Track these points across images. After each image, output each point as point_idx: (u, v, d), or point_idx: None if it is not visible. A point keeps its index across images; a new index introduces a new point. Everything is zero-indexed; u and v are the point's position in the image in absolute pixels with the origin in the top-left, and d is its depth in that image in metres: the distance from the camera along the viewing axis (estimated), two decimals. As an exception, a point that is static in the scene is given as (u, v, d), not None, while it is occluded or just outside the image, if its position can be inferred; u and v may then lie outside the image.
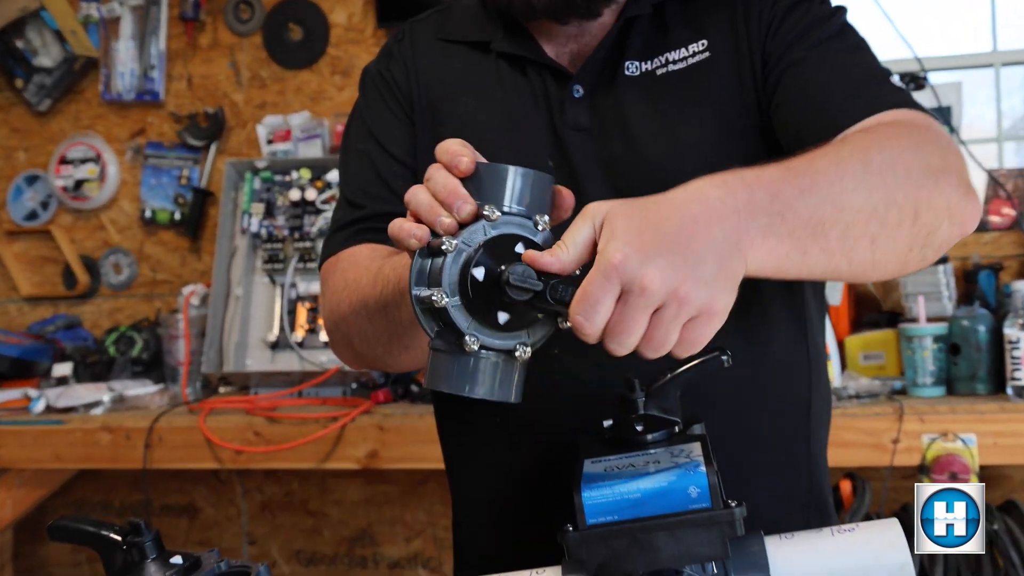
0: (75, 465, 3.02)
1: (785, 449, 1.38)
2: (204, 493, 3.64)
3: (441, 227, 0.98)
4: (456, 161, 1.00)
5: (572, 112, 1.36)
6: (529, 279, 0.94)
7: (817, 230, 1.01)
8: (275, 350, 3.11)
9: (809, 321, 1.41)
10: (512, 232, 0.97)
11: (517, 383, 0.99)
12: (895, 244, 1.08)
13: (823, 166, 1.04)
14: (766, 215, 0.97)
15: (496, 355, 0.97)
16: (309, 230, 3.14)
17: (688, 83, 1.34)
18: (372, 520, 3.52)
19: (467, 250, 0.96)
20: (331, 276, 1.43)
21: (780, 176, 1.01)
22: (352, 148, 1.50)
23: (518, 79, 1.40)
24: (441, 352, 0.99)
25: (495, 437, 1.39)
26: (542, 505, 1.32)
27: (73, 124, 3.72)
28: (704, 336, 0.93)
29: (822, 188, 1.02)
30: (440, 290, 0.95)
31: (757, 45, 1.33)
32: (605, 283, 0.89)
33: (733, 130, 1.33)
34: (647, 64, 1.36)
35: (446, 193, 0.98)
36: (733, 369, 1.12)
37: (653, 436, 1.07)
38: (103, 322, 3.66)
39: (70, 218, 3.73)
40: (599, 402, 1.17)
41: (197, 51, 3.64)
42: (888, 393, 2.64)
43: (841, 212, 1.02)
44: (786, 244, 0.99)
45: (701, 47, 1.35)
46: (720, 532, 0.95)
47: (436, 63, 1.46)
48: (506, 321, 0.96)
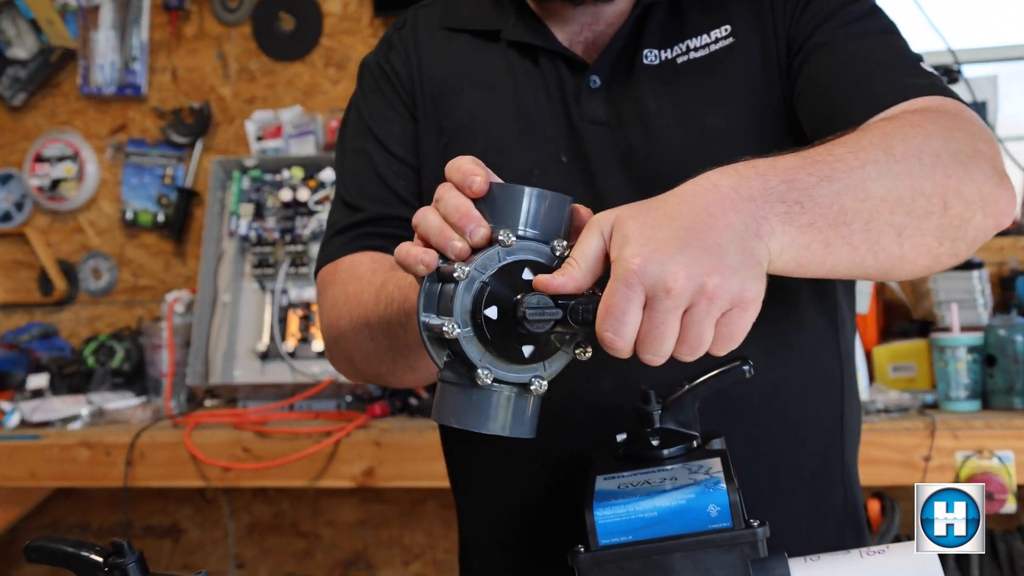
0: (51, 483, 3.03)
1: (819, 461, 1.39)
2: (189, 513, 3.65)
3: (453, 252, 0.98)
4: (469, 181, 0.99)
5: (589, 104, 1.36)
6: (547, 308, 0.94)
7: (839, 219, 1.01)
8: (265, 361, 3.11)
9: (841, 325, 1.42)
10: (528, 259, 0.97)
11: (531, 417, 1.00)
12: (924, 236, 1.07)
13: (842, 153, 1.04)
14: (783, 203, 0.98)
15: (510, 388, 0.98)
16: (301, 233, 3.15)
17: (711, 70, 1.35)
18: (368, 542, 3.52)
19: (480, 278, 0.96)
20: (329, 286, 1.43)
21: (796, 164, 1.01)
22: (349, 146, 1.50)
23: (529, 69, 1.41)
24: (451, 385, 0.99)
25: (504, 452, 1.39)
26: (553, 524, 1.33)
27: (49, 120, 3.73)
28: (741, 328, 0.93)
29: (842, 176, 1.02)
30: (451, 320, 0.95)
31: (782, 30, 1.34)
32: (628, 292, 0.89)
33: (759, 120, 1.33)
34: (666, 52, 1.37)
35: (458, 216, 0.98)
36: (763, 375, 1.13)
37: (670, 451, 1.08)
38: (81, 331, 3.67)
39: (46, 220, 3.74)
40: (618, 413, 1.17)
41: (182, 42, 3.65)
42: (919, 407, 2.64)
43: (863, 201, 1.02)
44: (807, 234, 0.99)
45: (724, 32, 1.36)
46: (741, 554, 0.96)
47: (440, 53, 1.46)
48: (530, 353, 0.97)
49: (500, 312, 0.96)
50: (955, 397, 2.61)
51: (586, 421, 1.31)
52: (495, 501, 1.43)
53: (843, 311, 1.42)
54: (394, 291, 1.25)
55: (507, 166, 1.35)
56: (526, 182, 1.33)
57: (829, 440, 1.40)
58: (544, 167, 1.36)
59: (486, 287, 0.96)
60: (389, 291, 1.27)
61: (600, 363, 1.31)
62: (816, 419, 1.38)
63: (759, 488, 1.31)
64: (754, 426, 1.32)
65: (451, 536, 3.43)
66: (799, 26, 1.32)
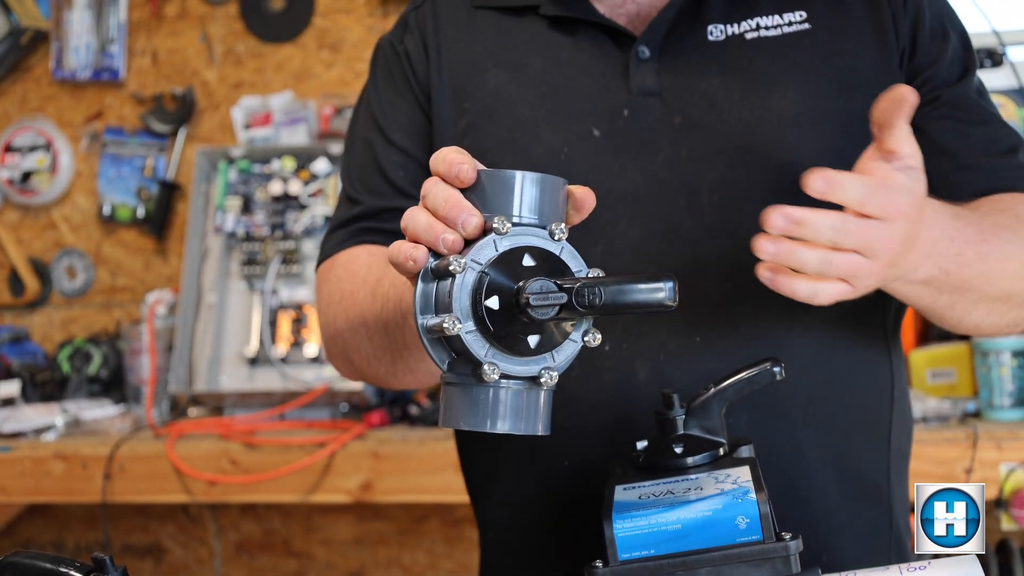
0: (23, 499, 3.04)
1: (865, 477, 1.41)
2: (172, 531, 3.66)
3: (445, 245, 0.99)
4: (456, 170, 1.00)
5: (638, 75, 1.39)
6: (550, 292, 0.95)
7: (959, 292, 1.22)
8: (254, 366, 3.11)
9: (892, 331, 1.44)
10: (526, 244, 0.98)
11: (544, 413, 1.01)
12: (1004, 318, 1.30)
13: (1006, 238, 1.24)
14: (940, 271, 1.18)
15: (518, 383, 0.99)
16: (293, 228, 3.16)
17: (781, 51, 1.38)
18: (365, 562, 3.53)
19: (477, 268, 0.97)
20: (325, 283, 1.45)
21: (975, 238, 1.20)
22: (356, 136, 1.53)
23: (564, 44, 1.43)
24: (456, 386, 1.00)
25: (528, 455, 1.41)
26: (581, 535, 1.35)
27: (20, 107, 3.74)
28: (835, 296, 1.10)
29: (991, 262, 1.21)
30: (451, 316, 0.96)
31: (892, 39, 1.40)
32: (891, 198, 1.07)
33: (823, 112, 1.37)
34: (733, 28, 1.40)
35: (448, 207, 0.99)
36: (809, 373, 1.19)
37: (694, 459, 1.09)
38: (55, 334, 3.67)
39: (16, 215, 3.75)
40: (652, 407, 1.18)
41: (163, 22, 3.66)
42: (960, 416, 2.64)
43: (989, 287, 1.23)
44: (930, 294, 1.21)
45: (799, 18, 1.40)
46: (772, 569, 0.96)
47: (463, 33, 1.48)
48: (536, 344, 0.98)
49: (502, 302, 0.96)
50: (999, 405, 2.62)
51: (617, 416, 1.33)
52: (518, 509, 1.45)
53: (894, 322, 1.46)
54: (389, 290, 1.27)
55: (534, 145, 1.37)
56: (554, 160, 1.36)
57: (876, 456, 1.42)
58: (573, 144, 1.38)
59: (485, 277, 0.96)
60: (384, 289, 1.28)
61: (634, 355, 1.34)
62: (862, 431, 1.40)
63: (803, 500, 1.33)
64: (799, 428, 1.35)
65: (455, 555, 3.45)
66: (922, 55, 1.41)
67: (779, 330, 1.33)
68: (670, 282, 0.93)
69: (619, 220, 1.33)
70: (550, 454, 1.32)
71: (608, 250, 1.34)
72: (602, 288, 0.93)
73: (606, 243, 1.35)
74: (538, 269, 0.97)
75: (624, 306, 0.93)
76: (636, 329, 1.34)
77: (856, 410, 1.39)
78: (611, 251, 1.34)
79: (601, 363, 1.31)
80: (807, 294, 1.08)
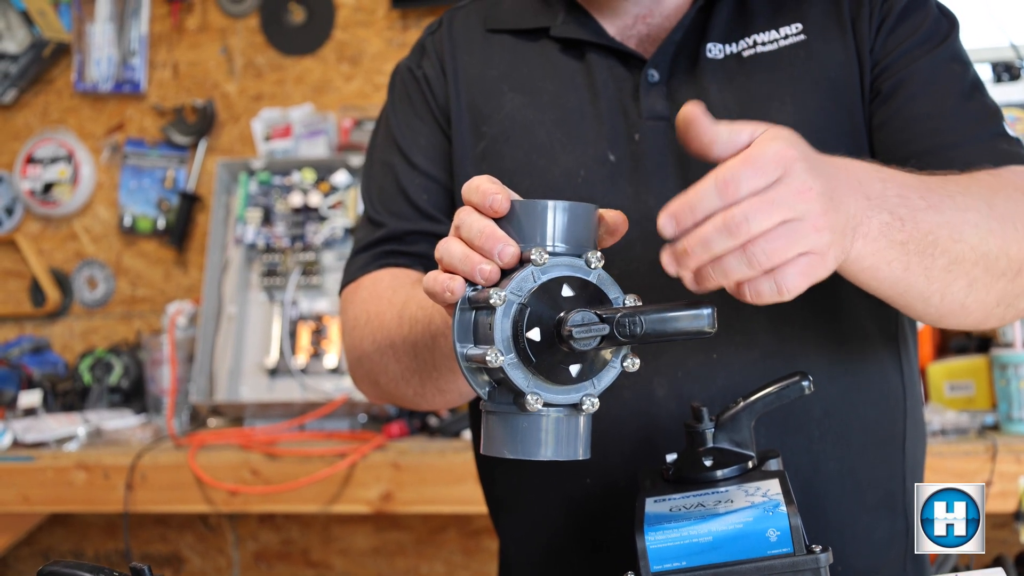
0: (45, 508, 3.05)
1: (881, 487, 1.41)
2: (191, 541, 3.67)
3: (482, 276, 1.00)
4: (490, 200, 1.01)
5: (648, 99, 1.39)
6: (592, 324, 0.96)
7: (927, 250, 1.10)
8: (273, 377, 3.13)
9: (903, 341, 1.44)
10: (566, 275, 0.99)
11: (585, 437, 1.03)
12: (988, 293, 1.19)
13: (953, 191, 1.14)
14: (889, 214, 1.07)
15: (559, 411, 1.00)
16: (313, 240, 3.17)
17: (779, 66, 1.39)
18: (383, 572, 3.54)
19: (518, 300, 0.98)
20: (350, 306, 1.46)
21: (913, 184, 1.11)
22: (376, 159, 1.54)
23: (576, 67, 1.44)
24: (498, 415, 1.02)
25: (549, 471, 1.41)
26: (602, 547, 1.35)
27: (42, 118, 3.77)
28: (803, 277, 0.97)
29: (947, 211, 1.11)
30: (493, 348, 0.97)
31: (865, 42, 1.38)
32: (770, 164, 0.95)
33: (828, 121, 1.37)
34: (731, 47, 1.40)
35: (483, 238, 1.00)
36: (823, 389, 1.17)
37: (724, 472, 1.09)
38: (76, 345, 3.70)
39: (38, 226, 3.77)
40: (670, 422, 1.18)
41: (184, 35, 3.69)
42: (979, 429, 2.64)
43: (956, 243, 1.13)
44: (895, 251, 1.08)
45: (795, 30, 1.40)
46: (803, 581, 0.97)
47: (478, 57, 1.49)
48: (577, 372, 0.99)
49: (543, 333, 0.97)
50: (1018, 418, 2.61)
51: (636, 432, 1.34)
52: (540, 522, 1.45)
53: (904, 326, 1.45)
54: (417, 311, 1.28)
55: (552, 169, 1.38)
56: (571, 184, 1.36)
57: (891, 467, 1.42)
58: (589, 167, 1.39)
59: (525, 309, 0.97)
60: (412, 312, 1.29)
61: (653, 371, 1.34)
62: (878, 442, 1.41)
63: (820, 512, 1.33)
64: (815, 442, 1.35)
65: (472, 566, 3.45)
66: (885, 47, 1.38)
67: (793, 345, 1.34)
68: (709, 309, 0.94)
69: (634, 243, 1.33)
70: (572, 471, 1.32)
71: (624, 272, 1.34)
72: (643, 317, 0.94)
73: (622, 266, 1.35)
74: (577, 299, 0.98)
75: (665, 334, 0.95)
76: (654, 347, 1.34)
77: (871, 421, 1.40)
78: (627, 273, 1.34)
79: (620, 381, 1.32)
80: (771, 292, 0.98)
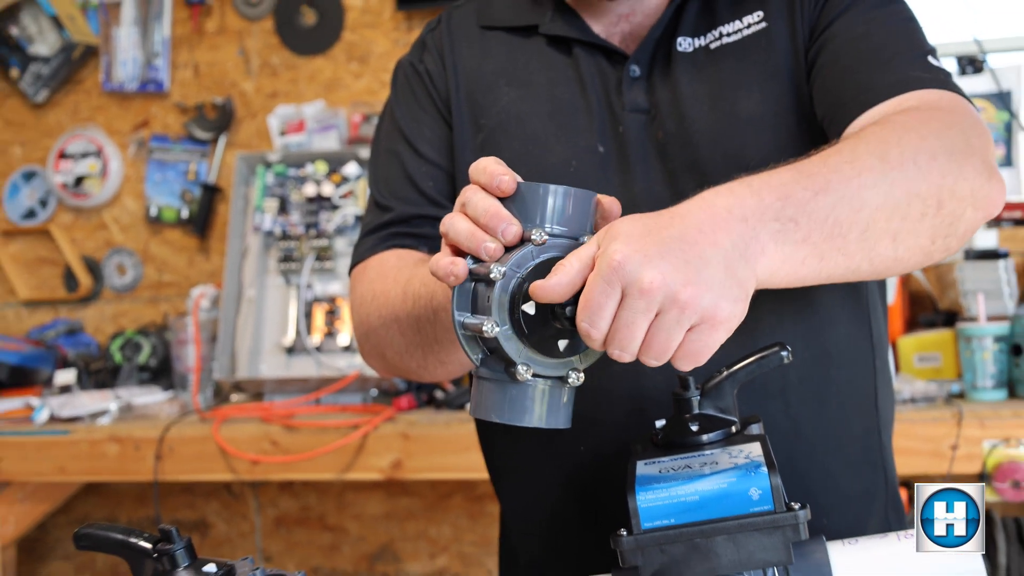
0: (80, 478, 3.07)
1: (860, 445, 1.42)
2: (216, 508, 3.69)
3: (487, 253, 1.01)
4: (497, 181, 1.02)
5: (630, 93, 1.39)
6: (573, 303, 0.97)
7: (834, 232, 1.04)
8: (291, 355, 3.15)
9: (872, 311, 1.45)
10: (561, 255, 1.00)
11: (567, 408, 1.04)
12: (918, 237, 1.11)
13: (837, 163, 1.07)
14: (777, 221, 1.01)
15: (546, 382, 1.02)
16: (326, 227, 3.18)
17: (742, 55, 1.37)
18: (394, 535, 3.56)
19: (516, 276, 0.99)
20: (359, 284, 1.47)
21: (791, 179, 1.04)
22: (382, 149, 1.54)
23: (565, 63, 1.44)
24: (489, 381, 1.03)
25: (546, 439, 1.43)
26: (595, 509, 1.36)
27: (72, 116, 3.78)
28: (706, 346, 0.97)
29: (837, 188, 1.04)
30: (490, 319, 0.98)
31: (808, 16, 1.36)
32: (606, 287, 0.93)
33: (792, 105, 1.35)
34: (699, 40, 1.39)
35: (488, 216, 1.01)
36: (797, 356, 1.15)
37: (709, 437, 1.10)
38: (106, 327, 3.72)
39: (70, 217, 3.78)
40: (657, 394, 1.19)
41: (204, 37, 3.69)
42: (945, 397, 2.66)
43: (859, 212, 1.05)
44: (802, 250, 1.03)
45: (757, 18, 1.38)
46: (783, 537, 0.98)
47: (475, 53, 1.50)
48: (565, 347, 1.00)
49: (537, 308, 0.99)
50: (982, 387, 2.63)
51: (627, 402, 1.35)
52: (537, 489, 1.46)
53: (872, 296, 1.45)
54: (420, 288, 1.29)
55: (547, 158, 1.38)
56: (564, 173, 1.37)
57: (867, 423, 1.43)
58: (581, 158, 1.39)
59: (523, 284, 0.99)
60: (415, 288, 1.30)
61: None
62: (852, 401, 1.41)
63: (804, 472, 1.34)
64: (793, 407, 1.36)
65: (477, 529, 3.47)
66: (823, 14, 1.35)
67: (771, 319, 1.33)
68: None
69: None
70: (566, 440, 1.33)
71: None
72: None
73: None
74: None
75: None
76: None
77: (844, 383, 1.40)
78: None
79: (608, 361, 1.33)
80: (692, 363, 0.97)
